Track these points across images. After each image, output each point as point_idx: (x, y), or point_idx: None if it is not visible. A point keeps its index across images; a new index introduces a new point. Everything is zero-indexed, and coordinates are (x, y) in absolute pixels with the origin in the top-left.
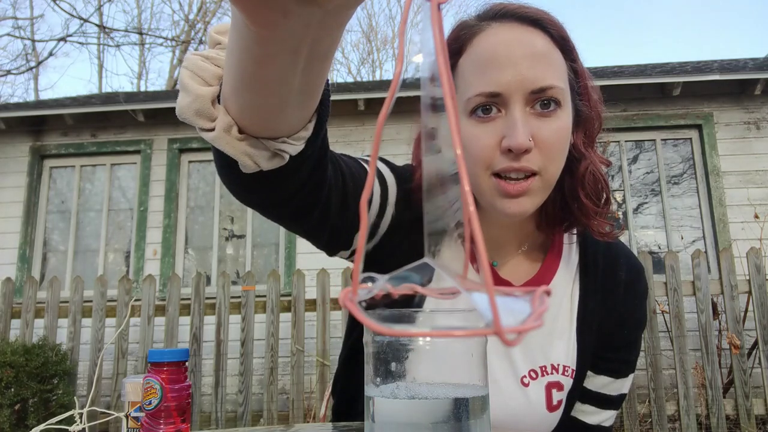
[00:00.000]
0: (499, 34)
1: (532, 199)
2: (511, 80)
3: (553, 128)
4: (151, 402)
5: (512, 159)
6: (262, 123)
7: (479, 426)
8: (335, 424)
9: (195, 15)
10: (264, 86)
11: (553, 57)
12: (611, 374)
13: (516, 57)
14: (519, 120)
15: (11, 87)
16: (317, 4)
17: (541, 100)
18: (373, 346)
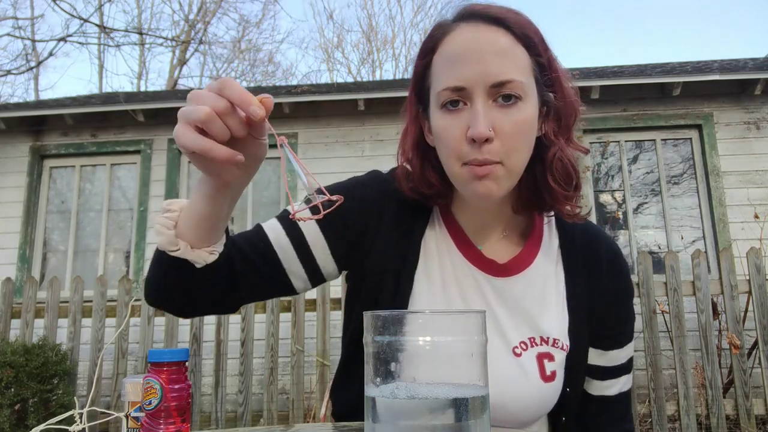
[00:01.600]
0: (464, 33)
1: (497, 183)
2: (472, 75)
3: (514, 120)
4: (151, 402)
5: (476, 150)
6: (205, 240)
7: (479, 426)
8: (335, 424)
9: (195, 15)
10: (210, 219)
11: (515, 53)
12: (617, 346)
13: (478, 54)
14: (480, 111)
15: (11, 87)
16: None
17: (501, 93)
18: (373, 346)
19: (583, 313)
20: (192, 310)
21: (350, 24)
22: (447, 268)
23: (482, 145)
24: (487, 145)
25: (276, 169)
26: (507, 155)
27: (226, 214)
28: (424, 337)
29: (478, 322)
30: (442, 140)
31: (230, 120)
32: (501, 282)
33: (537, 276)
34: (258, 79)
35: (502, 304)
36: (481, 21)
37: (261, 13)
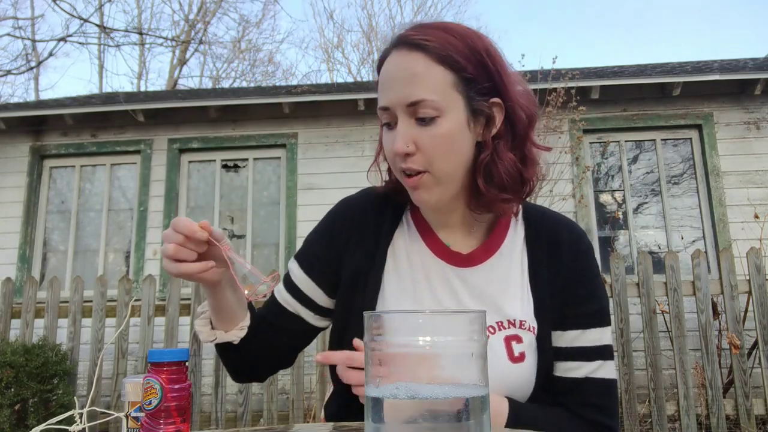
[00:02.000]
0: (390, 60)
1: (428, 191)
2: (392, 98)
3: (432, 134)
4: (151, 402)
5: (402, 161)
6: (232, 323)
7: (479, 426)
8: (335, 424)
9: (195, 15)
10: (224, 308)
11: (429, 75)
12: (578, 327)
13: (396, 79)
14: (399, 131)
15: (11, 87)
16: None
17: (417, 114)
18: (373, 346)
19: (546, 294)
20: (263, 373)
21: (350, 24)
22: (416, 264)
23: (405, 157)
24: (410, 158)
25: (276, 169)
26: (431, 164)
27: (235, 300)
28: (424, 337)
29: (478, 322)
30: (385, 153)
31: (190, 245)
32: (467, 272)
33: (501, 264)
34: (258, 79)
35: (469, 293)
36: (405, 47)
37: (261, 13)
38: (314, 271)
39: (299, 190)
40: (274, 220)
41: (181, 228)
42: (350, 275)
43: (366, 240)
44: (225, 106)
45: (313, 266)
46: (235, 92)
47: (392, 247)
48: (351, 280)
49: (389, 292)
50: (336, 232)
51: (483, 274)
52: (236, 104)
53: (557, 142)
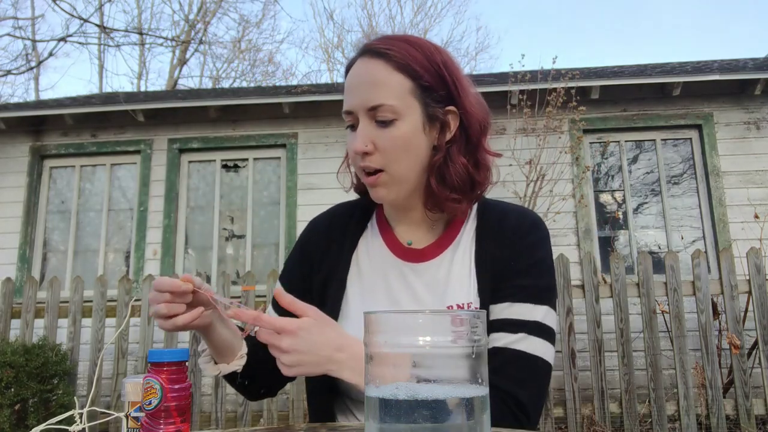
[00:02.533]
0: (355, 67)
1: (386, 189)
2: (354, 102)
3: (390, 136)
4: (151, 402)
5: (361, 160)
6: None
7: (479, 426)
8: (335, 425)
9: (195, 15)
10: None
11: (389, 81)
12: (507, 299)
13: (358, 84)
14: (359, 131)
15: (11, 87)
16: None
17: (377, 117)
18: (373, 347)
19: (488, 277)
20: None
21: (350, 24)
22: (377, 264)
23: (364, 156)
24: (368, 157)
25: (276, 169)
26: (387, 164)
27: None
28: (424, 338)
29: (478, 322)
30: (349, 153)
31: (177, 300)
32: (422, 266)
33: (453, 256)
34: (258, 79)
35: (423, 286)
36: (368, 55)
37: (261, 13)
38: (293, 287)
39: (299, 190)
40: (274, 220)
41: (166, 287)
42: (318, 286)
43: (332, 251)
44: (225, 106)
45: (292, 283)
46: (235, 92)
47: (356, 253)
48: (319, 290)
49: (351, 296)
50: (306, 249)
51: (435, 267)
52: (236, 104)
53: (557, 142)
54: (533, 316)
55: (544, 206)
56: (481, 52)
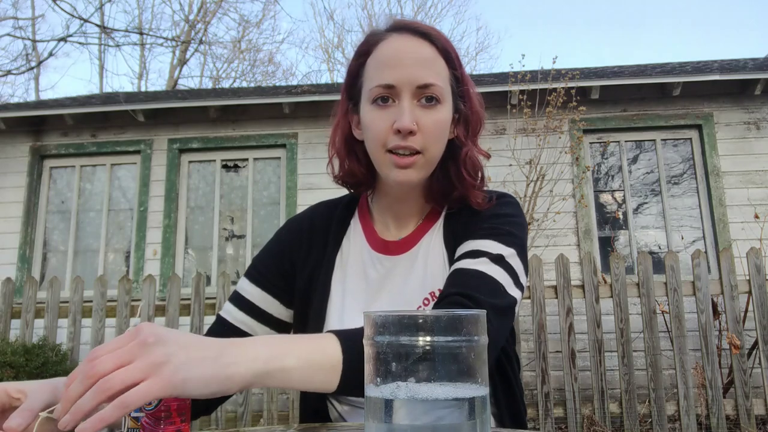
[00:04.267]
0: (396, 41)
1: (417, 172)
2: (402, 77)
3: (434, 118)
4: (151, 402)
5: (401, 139)
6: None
7: (479, 426)
8: (335, 425)
9: (195, 15)
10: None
11: (437, 63)
12: (468, 238)
13: (408, 59)
14: (407, 108)
15: (11, 87)
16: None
17: (425, 95)
18: (373, 347)
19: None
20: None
21: (351, 24)
22: (358, 262)
23: (406, 136)
24: (410, 137)
25: (276, 169)
26: (426, 147)
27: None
28: (424, 337)
29: (478, 322)
30: (370, 130)
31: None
32: (401, 258)
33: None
34: (258, 79)
35: (402, 275)
36: (410, 33)
37: (261, 13)
38: (268, 283)
39: (299, 190)
40: (274, 220)
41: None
42: (303, 287)
43: (315, 251)
44: (225, 106)
45: (267, 279)
46: (235, 92)
47: (340, 254)
48: (304, 291)
49: (335, 296)
50: (286, 246)
51: (413, 256)
52: (236, 104)
53: (557, 142)
54: (497, 251)
55: (544, 206)
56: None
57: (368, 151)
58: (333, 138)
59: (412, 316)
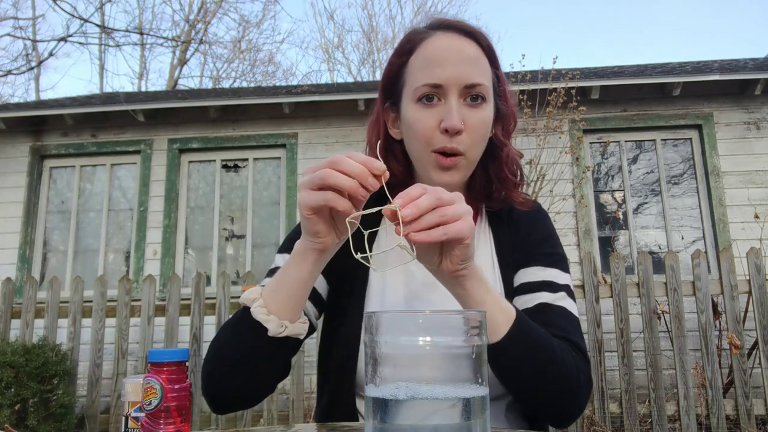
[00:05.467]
0: (442, 40)
1: (459, 173)
2: (450, 76)
3: (479, 117)
4: (151, 402)
5: (447, 139)
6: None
7: (479, 426)
8: (335, 424)
9: (195, 15)
10: (306, 290)
11: (482, 62)
12: (537, 264)
13: (455, 58)
14: (454, 107)
15: (11, 87)
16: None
17: (471, 94)
18: (373, 347)
19: (511, 264)
20: (265, 393)
21: (351, 24)
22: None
23: (453, 136)
24: (457, 137)
25: (276, 169)
26: (470, 148)
27: (313, 283)
28: (424, 338)
29: (478, 322)
30: (415, 129)
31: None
32: None
33: (477, 250)
34: (258, 79)
35: None
36: (456, 32)
37: (261, 13)
38: None
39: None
40: (274, 220)
41: (350, 168)
42: (338, 276)
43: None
44: (225, 106)
45: None
46: (235, 92)
47: (377, 244)
48: (341, 272)
49: (374, 288)
50: None
51: None
52: (236, 104)
53: (557, 142)
54: (564, 281)
55: (545, 206)
56: None
57: (410, 150)
58: (370, 139)
59: (413, 316)
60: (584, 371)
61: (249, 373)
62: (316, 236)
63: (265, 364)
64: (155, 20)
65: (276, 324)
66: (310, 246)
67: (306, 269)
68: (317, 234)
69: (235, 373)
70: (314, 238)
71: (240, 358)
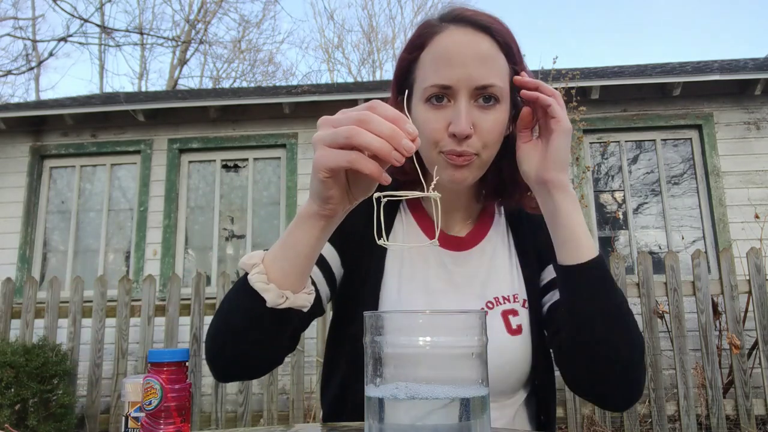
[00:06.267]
0: (454, 35)
1: (471, 172)
2: (460, 77)
3: (491, 119)
4: (151, 402)
5: (456, 143)
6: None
7: (479, 426)
8: (335, 424)
9: (195, 15)
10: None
11: (497, 59)
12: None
13: (466, 57)
14: (463, 111)
15: (11, 87)
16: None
17: (483, 95)
18: (373, 347)
19: (535, 264)
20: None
21: (351, 24)
22: (415, 251)
23: (463, 141)
24: (466, 141)
25: (276, 169)
26: (482, 150)
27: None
28: (424, 338)
29: (478, 322)
30: (423, 131)
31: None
32: (461, 255)
33: (491, 245)
34: (258, 80)
35: (463, 275)
36: (470, 26)
37: (261, 13)
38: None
39: (299, 191)
40: (275, 220)
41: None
42: (352, 266)
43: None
44: (225, 106)
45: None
46: (235, 92)
47: (393, 236)
48: (354, 270)
49: (389, 283)
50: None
51: (476, 256)
52: (236, 104)
53: None
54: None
55: None
56: None
57: (420, 150)
58: (421, 127)
59: (413, 316)
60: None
61: (252, 343)
62: (328, 201)
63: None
64: (155, 20)
65: (275, 294)
66: (318, 211)
67: (313, 235)
68: (329, 199)
69: (237, 342)
70: (325, 203)
71: (242, 329)
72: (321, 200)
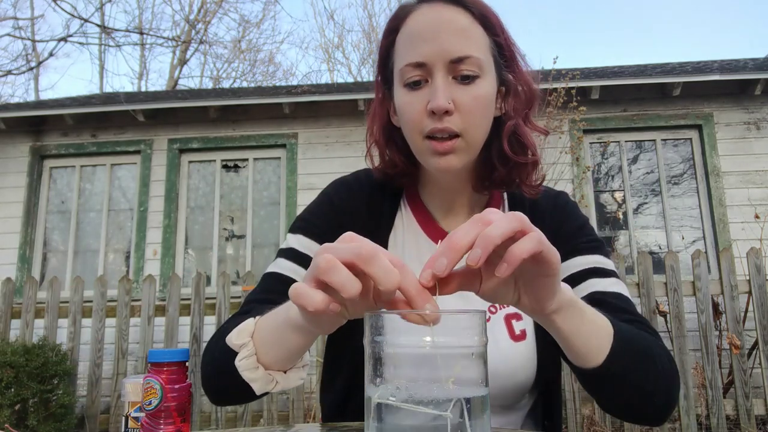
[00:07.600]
0: (426, 13)
1: (458, 157)
2: (433, 51)
3: (472, 95)
4: (151, 402)
5: (437, 120)
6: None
7: (479, 426)
8: (335, 424)
9: (195, 15)
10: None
11: (473, 32)
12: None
13: (438, 32)
14: (440, 86)
15: (11, 87)
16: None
17: (461, 70)
18: (373, 347)
19: None
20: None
21: (351, 24)
22: (411, 248)
23: (442, 116)
24: (447, 117)
25: (276, 169)
26: (466, 129)
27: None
28: (424, 337)
29: (478, 322)
30: (404, 115)
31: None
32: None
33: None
34: (258, 80)
35: None
36: (441, 1)
37: (261, 13)
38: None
39: (299, 191)
40: (274, 221)
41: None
42: None
43: (367, 225)
44: (225, 106)
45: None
46: (235, 92)
47: (393, 233)
48: None
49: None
50: (340, 209)
51: None
52: (236, 104)
53: (557, 142)
54: (611, 267)
55: None
56: None
57: (406, 137)
58: (370, 127)
59: (412, 316)
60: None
61: (240, 389)
62: (320, 328)
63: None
64: (155, 20)
65: (263, 383)
66: (312, 329)
67: (308, 340)
68: (321, 327)
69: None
70: (318, 329)
71: (229, 385)
72: (313, 327)
